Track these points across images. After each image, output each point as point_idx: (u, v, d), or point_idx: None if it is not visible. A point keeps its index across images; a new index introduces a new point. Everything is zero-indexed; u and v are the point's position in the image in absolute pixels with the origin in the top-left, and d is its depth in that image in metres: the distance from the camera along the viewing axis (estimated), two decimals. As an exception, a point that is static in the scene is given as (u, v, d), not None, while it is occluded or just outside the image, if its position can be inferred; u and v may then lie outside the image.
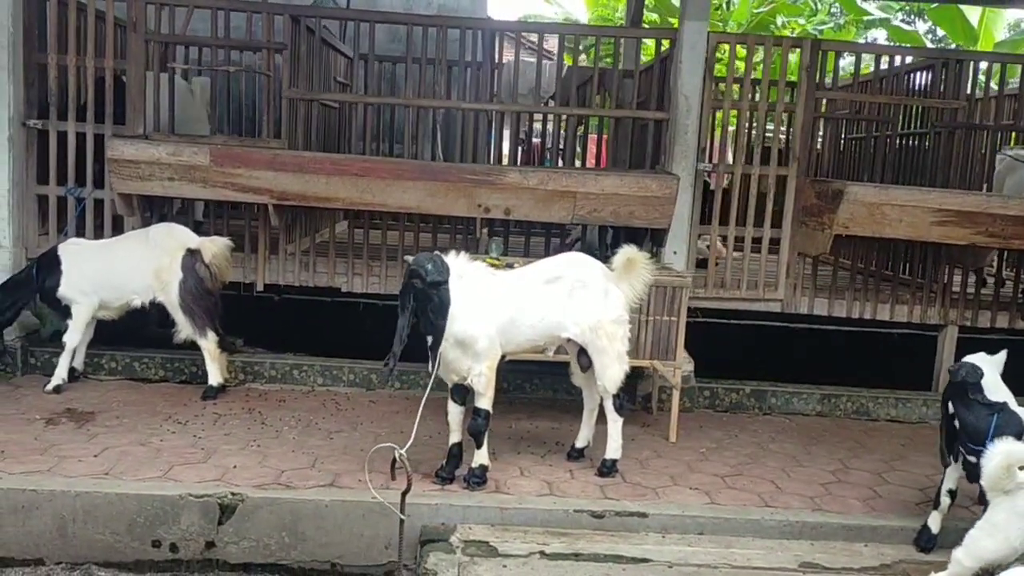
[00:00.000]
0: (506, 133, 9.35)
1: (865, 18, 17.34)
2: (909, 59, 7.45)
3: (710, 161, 6.57)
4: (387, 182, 5.54)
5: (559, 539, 4.08)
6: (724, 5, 18.40)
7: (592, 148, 10.36)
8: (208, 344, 5.59)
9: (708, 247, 6.48)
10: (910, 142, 7.42)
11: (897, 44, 16.21)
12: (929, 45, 17.76)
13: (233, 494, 4.11)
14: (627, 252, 4.64)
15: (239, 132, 7.72)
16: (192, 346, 5.67)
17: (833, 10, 18.70)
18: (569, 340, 4.65)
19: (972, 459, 3.80)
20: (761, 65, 6.25)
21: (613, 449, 4.73)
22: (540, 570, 3.82)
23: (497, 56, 7.45)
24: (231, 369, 5.89)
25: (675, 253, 6.07)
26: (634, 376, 5.71)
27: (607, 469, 4.72)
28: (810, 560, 4.06)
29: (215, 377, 5.63)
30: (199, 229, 6.28)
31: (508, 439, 5.21)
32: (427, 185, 5.59)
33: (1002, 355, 4.32)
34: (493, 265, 4.94)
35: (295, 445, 4.87)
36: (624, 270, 4.63)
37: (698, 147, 6.06)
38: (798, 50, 6.34)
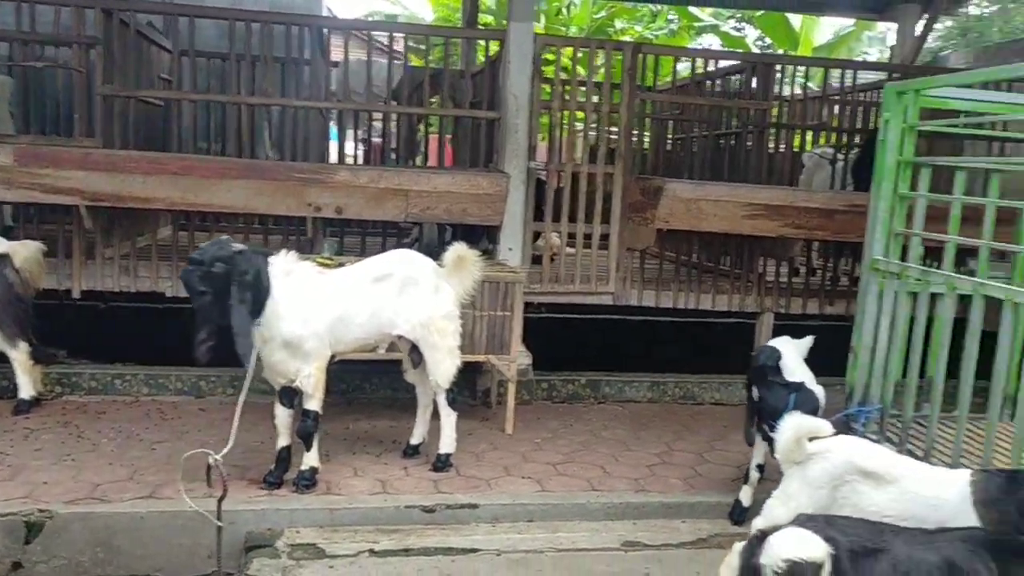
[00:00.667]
0: (347, 133, 9.28)
1: (697, 24, 18.14)
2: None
3: (546, 160, 6.74)
4: (211, 181, 5.39)
5: (389, 536, 4.09)
6: (566, 9, 18.81)
7: (435, 147, 10.37)
8: (19, 355, 5.26)
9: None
10: (727, 141, 7.86)
11: (727, 49, 17.11)
12: (756, 51, 18.78)
13: (40, 511, 3.90)
14: (457, 249, 4.71)
15: (55, 131, 7.26)
16: (3, 358, 5.31)
17: (670, 16, 19.44)
18: (400, 337, 4.66)
19: (772, 435, 4.06)
20: (601, 68, 6.44)
21: (447, 444, 4.78)
22: (369, 568, 3.82)
23: (332, 54, 7.35)
24: (46, 381, 5.57)
25: (510, 249, 6.18)
26: (473, 371, 5.81)
27: (442, 464, 4.77)
28: (632, 539, 4.25)
29: (27, 390, 5.31)
30: (9, 234, 5.88)
31: (344, 440, 5.17)
32: (254, 184, 5.47)
33: (807, 340, 4.65)
34: (325, 265, 4.88)
35: (113, 458, 4.66)
36: (454, 267, 4.69)
37: (528, 146, 6.20)
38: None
